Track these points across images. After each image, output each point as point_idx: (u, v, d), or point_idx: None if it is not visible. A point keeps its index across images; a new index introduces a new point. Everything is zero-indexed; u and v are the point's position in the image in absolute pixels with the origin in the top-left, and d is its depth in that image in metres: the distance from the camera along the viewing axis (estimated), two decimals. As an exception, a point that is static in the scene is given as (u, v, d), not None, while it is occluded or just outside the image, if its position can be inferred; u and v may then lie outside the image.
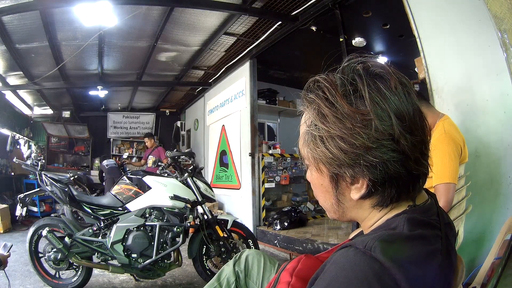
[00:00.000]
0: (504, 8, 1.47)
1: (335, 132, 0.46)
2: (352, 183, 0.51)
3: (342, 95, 0.46)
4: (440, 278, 0.48)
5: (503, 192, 1.85)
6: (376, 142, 0.44)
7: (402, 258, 0.44)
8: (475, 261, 1.78)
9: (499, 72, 1.83)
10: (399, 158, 0.45)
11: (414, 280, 0.43)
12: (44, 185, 2.46)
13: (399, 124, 0.45)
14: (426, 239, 0.49)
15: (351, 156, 0.46)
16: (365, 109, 0.45)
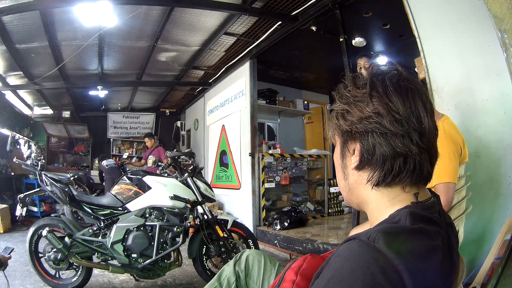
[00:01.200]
0: (504, 8, 1.47)
1: (343, 107, 0.59)
2: (353, 152, 0.59)
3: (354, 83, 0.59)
4: (441, 274, 0.49)
5: (503, 192, 1.85)
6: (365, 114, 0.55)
7: (404, 250, 0.46)
8: (475, 261, 1.78)
9: (499, 72, 1.83)
10: (381, 131, 0.54)
11: (415, 273, 0.45)
12: (44, 185, 2.46)
13: (385, 103, 0.54)
14: (427, 234, 0.51)
15: (350, 124, 0.57)
16: (364, 91, 0.56)
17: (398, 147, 0.53)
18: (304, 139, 6.84)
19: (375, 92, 0.55)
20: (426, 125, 0.55)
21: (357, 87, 0.58)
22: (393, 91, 0.55)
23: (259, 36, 4.19)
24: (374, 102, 0.55)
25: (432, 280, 0.47)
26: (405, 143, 0.53)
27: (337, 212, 5.13)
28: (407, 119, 0.53)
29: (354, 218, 3.04)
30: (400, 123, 0.53)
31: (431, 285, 0.47)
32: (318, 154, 5.14)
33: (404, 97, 0.54)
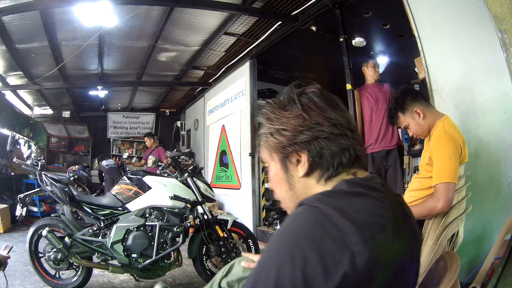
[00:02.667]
0: (504, 8, 1.47)
1: (277, 127, 0.67)
2: (298, 163, 0.66)
3: (279, 106, 0.69)
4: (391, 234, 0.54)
5: (503, 192, 1.85)
6: (306, 126, 0.64)
7: (341, 204, 0.54)
8: (475, 261, 1.78)
9: (499, 72, 1.83)
10: (325, 136, 0.64)
11: (358, 224, 0.51)
12: (44, 185, 2.46)
13: (320, 113, 0.65)
14: (366, 195, 0.58)
15: (290, 138, 0.65)
16: (297, 109, 0.66)
17: (342, 144, 0.64)
18: (304, 139, 6.83)
19: (308, 107, 0.66)
20: (353, 123, 0.68)
21: (285, 110, 0.68)
22: (322, 103, 0.66)
23: (259, 36, 4.18)
24: (311, 115, 0.65)
25: (377, 232, 0.52)
26: (346, 140, 0.64)
27: (337, 212, 5.13)
28: (340, 122, 0.65)
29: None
30: (337, 126, 0.64)
31: (380, 241, 0.51)
32: (318, 154, 5.14)
33: (332, 106, 0.66)
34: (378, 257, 0.50)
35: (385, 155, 2.74)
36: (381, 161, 2.74)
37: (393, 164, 2.71)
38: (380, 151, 2.74)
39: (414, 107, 1.62)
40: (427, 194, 1.53)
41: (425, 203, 1.46)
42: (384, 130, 2.72)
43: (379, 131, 2.73)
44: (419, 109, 1.60)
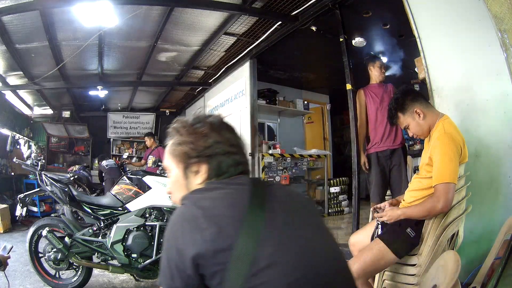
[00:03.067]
0: (504, 8, 1.47)
1: (186, 139, 0.83)
2: (196, 173, 0.83)
3: (189, 124, 0.86)
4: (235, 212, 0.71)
5: (503, 192, 1.85)
6: (209, 143, 0.81)
7: (197, 197, 0.77)
8: (475, 261, 1.78)
9: (499, 72, 1.83)
10: (223, 152, 0.82)
11: (205, 211, 0.70)
12: (44, 185, 2.46)
13: (221, 135, 0.83)
14: (222, 189, 0.78)
15: (195, 150, 0.82)
16: (204, 128, 0.83)
17: (236, 160, 0.84)
18: (304, 139, 6.83)
19: (212, 128, 0.83)
20: (244, 146, 0.89)
21: (194, 128, 0.84)
22: (223, 128, 0.86)
23: (259, 36, 4.18)
24: (214, 135, 0.83)
25: (221, 214, 0.70)
26: (239, 157, 0.85)
27: (337, 212, 5.13)
28: (235, 143, 0.85)
29: (354, 218, 3.04)
30: (233, 146, 0.84)
31: (221, 219, 0.69)
32: (318, 154, 5.14)
33: (229, 131, 0.86)
34: (221, 229, 0.67)
35: (389, 154, 2.74)
36: (386, 161, 2.75)
37: (397, 164, 2.72)
38: (385, 150, 2.75)
39: (414, 107, 1.62)
40: (427, 194, 1.53)
41: (425, 203, 1.46)
42: (389, 130, 2.72)
43: (384, 130, 2.73)
44: (419, 109, 1.60)
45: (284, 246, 0.68)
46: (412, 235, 1.48)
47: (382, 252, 1.46)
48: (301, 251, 0.70)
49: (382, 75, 2.87)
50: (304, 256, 0.69)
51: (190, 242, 0.67)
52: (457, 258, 0.90)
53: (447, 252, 1.18)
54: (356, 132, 3.07)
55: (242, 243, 0.65)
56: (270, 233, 0.69)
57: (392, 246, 1.45)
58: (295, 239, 0.71)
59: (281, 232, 0.71)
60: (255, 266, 0.64)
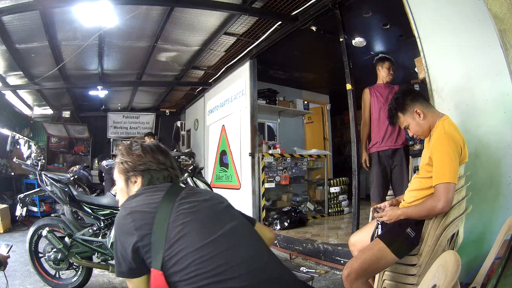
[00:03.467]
0: (504, 8, 1.47)
1: (125, 159, 1.10)
2: (134, 183, 1.10)
3: (129, 147, 1.13)
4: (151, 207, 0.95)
5: (503, 192, 1.85)
6: (142, 161, 1.09)
7: (128, 201, 1.01)
8: (475, 261, 1.78)
9: (499, 72, 1.83)
10: (153, 168, 1.10)
11: (131, 210, 0.95)
12: (44, 185, 2.46)
13: (152, 156, 1.11)
14: (143, 194, 1.02)
15: (132, 167, 1.09)
16: (138, 151, 1.11)
17: (165, 175, 1.12)
18: (304, 139, 6.83)
19: (146, 152, 1.11)
20: (169, 163, 1.14)
21: (132, 151, 1.12)
22: (155, 151, 1.13)
23: (259, 36, 4.18)
24: (147, 156, 1.10)
25: (142, 217, 0.93)
26: (167, 172, 1.12)
27: (337, 212, 5.13)
28: (164, 162, 1.12)
29: (354, 218, 3.04)
30: (162, 164, 1.11)
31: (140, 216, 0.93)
32: (318, 154, 5.14)
33: (160, 153, 1.13)
34: (142, 221, 0.92)
35: (391, 154, 2.73)
36: (387, 160, 2.74)
37: (399, 164, 2.71)
38: (386, 150, 2.74)
39: (414, 107, 1.61)
40: (427, 194, 1.53)
41: (425, 203, 1.46)
42: (391, 130, 2.72)
43: (386, 130, 2.73)
44: (419, 109, 1.60)
45: (189, 223, 0.92)
46: (412, 235, 1.48)
47: (382, 252, 1.46)
48: (204, 224, 0.94)
49: (389, 76, 2.87)
50: (207, 226, 0.93)
51: (126, 236, 0.91)
52: (457, 258, 0.90)
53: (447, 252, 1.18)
54: (356, 132, 3.07)
55: (157, 227, 0.90)
56: (176, 218, 0.92)
57: (392, 246, 1.45)
58: (198, 217, 0.94)
59: (186, 215, 0.93)
60: (168, 241, 0.88)
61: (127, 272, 0.93)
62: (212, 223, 0.95)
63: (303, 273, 2.76)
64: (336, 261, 2.92)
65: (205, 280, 0.84)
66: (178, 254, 0.86)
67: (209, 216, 0.98)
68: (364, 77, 3.01)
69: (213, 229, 0.92)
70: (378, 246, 1.48)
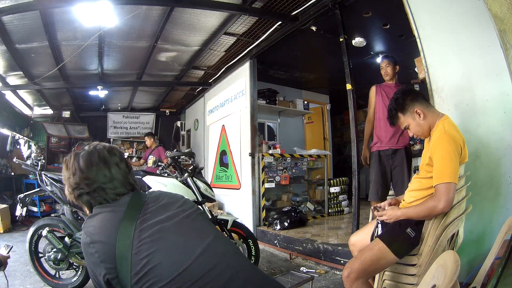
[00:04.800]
0: (504, 8, 1.47)
1: (65, 175, 0.99)
2: (87, 202, 0.97)
3: (66, 164, 1.00)
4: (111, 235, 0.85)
5: (503, 192, 1.85)
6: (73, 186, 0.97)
7: (86, 224, 0.92)
8: (475, 261, 1.78)
9: (499, 72, 1.83)
10: (85, 192, 0.95)
11: (91, 237, 0.87)
12: (44, 185, 2.46)
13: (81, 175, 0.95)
14: (100, 213, 0.93)
15: (71, 192, 0.98)
16: (68, 172, 0.98)
17: (99, 195, 0.95)
18: (304, 139, 6.84)
19: (74, 171, 0.96)
20: (115, 174, 0.98)
21: (68, 168, 0.98)
22: (84, 165, 0.95)
23: (259, 36, 4.18)
24: (75, 177, 0.95)
25: (103, 234, 0.87)
26: (102, 192, 0.95)
27: (337, 212, 5.13)
28: (95, 179, 0.94)
29: (354, 219, 3.04)
30: (93, 184, 0.94)
31: (97, 238, 0.86)
32: (318, 154, 5.14)
33: (92, 166, 0.95)
34: (103, 252, 0.84)
35: (391, 154, 2.73)
36: (387, 160, 2.74)
37: (399, 165, 2.71)
38: (387, 149, 2.74)
39: (414, 108, 1.61)
40: (427, 194, 1.53)
41: (425, 203, 1.46)
42: (394, 130, 2.71)
43: (388, 129, 2.73)
44: (419, 109, 1.60)
45: (155, 254, 0.83)
46: (412, 235, 1.48)
47: (382, 252, 1.46)
48: (170, 254, 0.85)
49: (386, 75, 2.88)
50: (175, 256, 0.84)
51: (95, 266, 0.86)
52: (456, 259, 0.90)
53: (447, 252, 1.18)
54: (356, 132, 3.08)
55: (120, 262, 0.82)
56: (139, 249, 0.84)
57: (392, 246, 1.45)
58: (164, 246, 0.85)
59: (149, 246, 0.84)
60: (134, 277, 0.81)
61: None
62: (180, 250, 0.86)
63: (303, 273, 2.76)
64: (336, 261, 2.93)
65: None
66: (149, 276, 0.81)
67: (176, 241, 0.87)
68: (364, 77, 3.01)
69: (182, 258, 0.84)
70: (378, 246, 1.48)
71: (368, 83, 2.95)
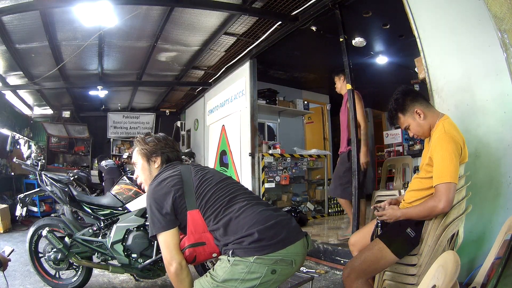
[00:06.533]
0: (504, 8, 1.47)
1: (144, 147, 1.51)
2: (155, 162, 1.48)
3: (144, 139, 1.55)
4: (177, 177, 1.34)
5: (503, 192, 1.85)
6: (158, 147, 1.51)
7: (161, 174, 1.39)
8: (475, 261, 1.78)
9: (499, 72, 1.83)
10: (167, 151, 1.51)
11: (162, 179, 1.34)
12: (44, 185, 2.46)
13: (165, 143, 1.54)
14: (169, 168, 1.42)
15: (151, 150, 1.49)
16: (153, 141, 1.53)
17: (175, 155, 1.53)
18: (304, 139, 6.84)
19: (159, 140, 1.52)
20: (177, 147, 1.59)
21: (147, 141, 1.51)
22: (164, 139, 1.54)
23: (259, 36, 4.19)
24: (161, 143, 1.50)
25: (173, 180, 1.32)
26: (176, 153, 1.54)
27: (337, 212, 5.13)
28: (173, 146, 1.54)
29: (354, 219, 3.04)
30: (172, 148, 1.54)
31: (173, 181, 1.31)
32: (318, 154, 5.14)
33: (169, 141, 1.54)
34: (173, 181, 1.30)
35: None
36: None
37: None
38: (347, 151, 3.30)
39: (414, 108, 1.61)
40: (427, 194, 1.53)
41: (426, 203, 1.46)
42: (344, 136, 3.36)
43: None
44: (420, 110, 1.60)
45: (206, 174, 1.37)
46: (412, 235, 1.48)
47: (382, 252, 1.46)
48: (215, 174, 1.41)
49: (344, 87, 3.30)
50: (217, 175, 1.40)
51: (165, 195, 1.27)
52: (456, 259, 0.90)
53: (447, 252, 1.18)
54: (356, 132, 3.07)
55: (185, 181, 1.32)
56: (196, 173, 1.37)
57: (392, 246, 1.45)
58: (210, 171, 1.42)
59: (201, 171, 1.39)
60: (195, 186, 1.31)
61: (166, 225, 1.23)
62: (219, 174, 1.42)
63: (303, 273, 2.76)
64: (336, 261, 2.93)
65: (222, 200, 1.26)
66: (204, 191, 1.29)
67: (216, 172, 1.44)
68: (365, 77, 3.01)
69: (221, 176, 1.39)
70: (378, 246, 1.48)
71: (368, 83, 2.96)
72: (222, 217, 1.22)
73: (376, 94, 6.14)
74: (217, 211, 1.23)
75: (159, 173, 1.39)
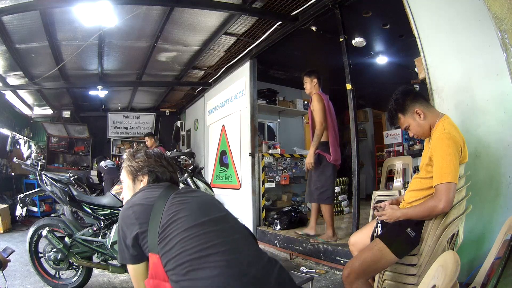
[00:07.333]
0: (504, 8, 1.47)
1: (130, 164, 1.31)
2: (141, 181, 1.30)
3: (133, 155, 1.34)
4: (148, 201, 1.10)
5: (503, 192, 1.85)
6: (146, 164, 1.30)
7: (131, 199, 1.16)
8: (475, 261, 1.78)
9: (499, 72, 1.83)
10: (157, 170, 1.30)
11: (132, 204, 1.11)
12: (44, 185, 2.46)
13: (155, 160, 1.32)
14: (145, 190, 1.18)
15: (138, 168, 1.30)
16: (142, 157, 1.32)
17: (165, 174, 1.31)
18: (304, 139, 6.83)
19: (149, 157, 1.32)
20: (172, 164, 1.38)
21: (135, 157, 1.32)
22: (156, 156, 1.34)
23: (259, 36, 4.18)
24: (150, 160, 1.31)
25: (143, 210, 1.07)
26: (167, 173, 1.32)
27: (337, 212, 5.13)
28: (164, 164, 1.33)
29: (354, 219, 3.04)
30: (163, 167, 1.32)
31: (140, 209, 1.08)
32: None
33: (161, 158, 1.35)
34: (140, 213, 1.06)
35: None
36: None
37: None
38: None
39: (414, 108, 1.61)
40: (427, 194, 1.53)
41: (426, 203, 1.46)
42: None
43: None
44: (420, 110, 1.60)
45: (180, 211, 1.04)
46: (412, 235, 1.48)
47: (382, 252, 1.46)
48: (193, 212, 1.05)
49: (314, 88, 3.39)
50: (195, 213, 1.05)
51: (129, 226, 1.06)
52: (456, 259, 0.90)
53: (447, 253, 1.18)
54: (356, 132, 3.07)
55: (153, 216, 1.05)
56: (170, 207, 1.06)
57: (392, 246, 1.45)
58: (188, 207, 1.07)
59: (178, 205, 1.07)
60: (161, 227, 1.01)
61: (129, 258, 1.07)
62: (200, 211, 1.07)
63: (303, 273, 2.76)
64: (336, 261, 2.93)
65: (188, 257, 0.93)
66: (169, 236, 0.99)
67: (199, 207, 1.09)
68: (365, 77, 3.01)
69: (200, 216, 1.04)
70: (378, 246, 1.48)
71: (368, 83, 2.95)
72: (184, 280, 0.92)
73: (376, 94, 6.14)
74: (178, 269, 0.93)
75: (136, 192, 1.20)
